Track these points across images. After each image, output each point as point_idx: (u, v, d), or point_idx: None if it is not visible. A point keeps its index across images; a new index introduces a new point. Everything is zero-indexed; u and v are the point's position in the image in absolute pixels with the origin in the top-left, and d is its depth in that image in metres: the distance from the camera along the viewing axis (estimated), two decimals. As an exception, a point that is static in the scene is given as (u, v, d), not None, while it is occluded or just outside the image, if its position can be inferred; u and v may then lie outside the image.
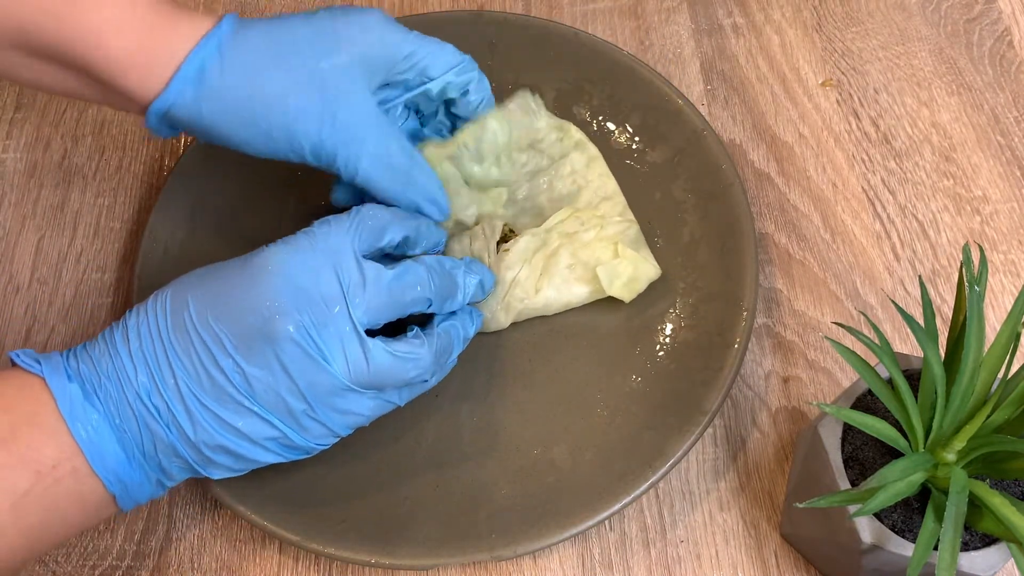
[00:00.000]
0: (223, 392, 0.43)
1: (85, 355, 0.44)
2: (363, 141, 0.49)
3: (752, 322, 0.54)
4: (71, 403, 0.43)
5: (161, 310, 0.44)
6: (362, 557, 0.49)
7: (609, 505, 0.50)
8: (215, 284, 0.44)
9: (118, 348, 0.44)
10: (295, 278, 0.43)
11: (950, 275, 0.59)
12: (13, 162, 0.65)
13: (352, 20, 0.49)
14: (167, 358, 0.43)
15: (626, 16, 0.70)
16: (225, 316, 0.43)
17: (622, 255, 0.56)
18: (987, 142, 0.64)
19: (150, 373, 0.43)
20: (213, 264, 0.46)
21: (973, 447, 0.41)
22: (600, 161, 0.60)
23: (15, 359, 0.44)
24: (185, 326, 0.43)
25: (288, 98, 0.48)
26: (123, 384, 0.43)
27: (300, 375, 0.43)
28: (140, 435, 0.43)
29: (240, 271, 0.44)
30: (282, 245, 0.45)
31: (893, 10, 0.69)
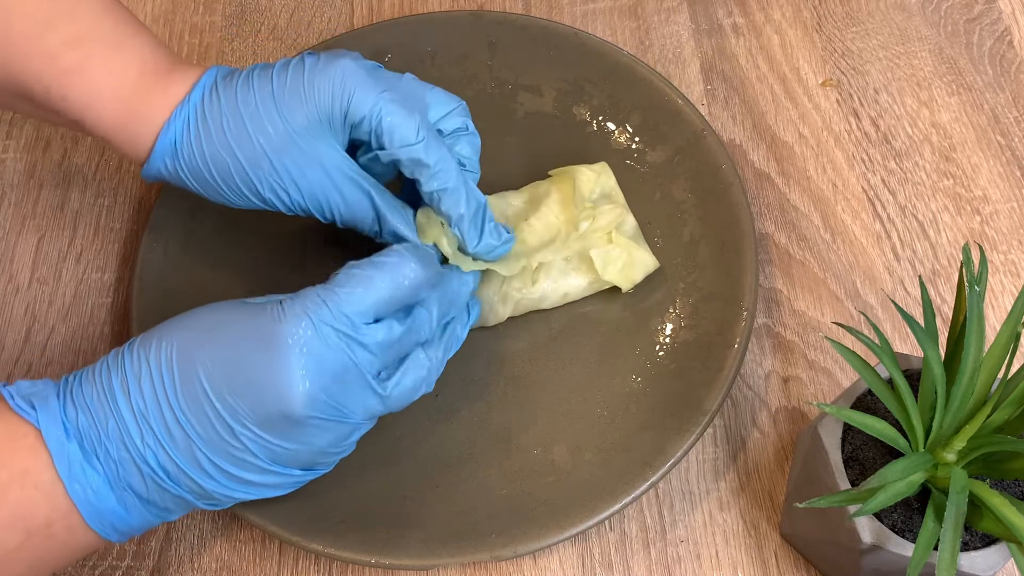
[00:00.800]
0: (243, 460, 0.42)
1: (83, 402, 0.42)
2: (330, 197, 0.49)
3: (752, 322, 0.54)
4: (69, 463, 0.41)
5: (167, 370, 0.42)
6: (362, 557, 0.49)
7: (609, 505, 0.50)
8: (228, 353, 0.42)
9: (119, 404, 0.41)
10: (311, 352, 0.42)
11: (950, 275, 0.59)
12: (13, 162, 0.65)
13: (320, 74, 0.48)
14: (178, 423, 0.41)
15: (626, 16, 0.70)
16: (244, 393, 0.41)
17: (616, 242, 0.56)
18: (987, 142, 0.64)
19: (157, 438, 0.41)
20: (217, 310, 0.44)
21: (973, 447, 0.41)
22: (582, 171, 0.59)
23: (9, 400, 0.42)
24: (197, 395, 0.41)
25: (257, 165, 0.48)
26: (127, 444, 0.41)
27: (323, 439, 0.44)
28: (145, 490, 0.42)
29: (256, 345, 0.42)
30: (299, 318, 0.42)
31: (893, 10, 0.69)
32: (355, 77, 0.48)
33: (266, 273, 0.59)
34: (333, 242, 0.60)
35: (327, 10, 0.71)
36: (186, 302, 0.56)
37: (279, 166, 0.48)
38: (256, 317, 0.43)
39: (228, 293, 0.57)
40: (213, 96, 0.48)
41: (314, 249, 0.60)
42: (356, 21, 0.70)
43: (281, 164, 0.48)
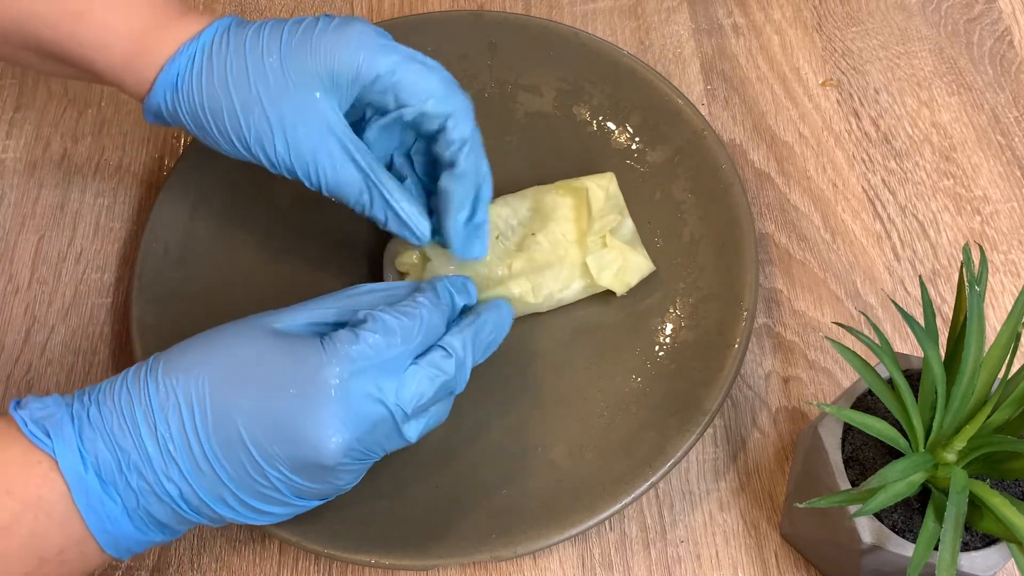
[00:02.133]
0: (268, 496, 0.42)
1: (102, 429, 0.40)
2: (318, 158, 0.48)
3: (752, 322, 0.54)
4: (87, 495, 0.40)
5: (199, 407, 0.40)
6: (362, 557, 0.49)
7: (609, 505, 0.50)
8: (267, 399, 0.41)
9: (142, 436, 0.40)
10: (355, 406, 0.41)
11: (950, 275, 0.59)
12: (13, 162, 0.65)
13: (331, 33, 0.48)
14: (207, 461, 0.40)
15: (626, 16, 0.70)
16: (281, 441, 0.40)
17: (611, 246, 0.55)
18: (987, 142, 0.64)
19: (183, 475, 0.40)
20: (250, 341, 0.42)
21: (973, 447, 0.41)
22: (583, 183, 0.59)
23: (23, 427, 0.40)
24: (232, 438, 0.40)
25: (249, 109, 0.48)
26: (148, 479, 0.40)
27: (347, 479, 0.44)
28: (163, 515, 0.42)
29: (297, 392, 0.41)
30: (342, 366, 0.41)
31: (893, 10, 0.69)
32: (370, 38, 0.48)
33: (266, 273, 0.59)
34: (334, 242, 0.60)
35: (327, 10, 0.71)
36: (186, 302, 0.57)
37: (271, 115, 0.48)
38: (295, 360, 0.42)
39: (227, 293, 0.58)
40: (223, 38, 0.49)
41: (315, 250, 0.60)
42: (356, 21, 0.70)
43: (273, 113, 0.48)
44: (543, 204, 0.57)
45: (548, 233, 0.56)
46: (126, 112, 0.67)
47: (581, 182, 0.58)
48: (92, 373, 0.58)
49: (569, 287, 0.56)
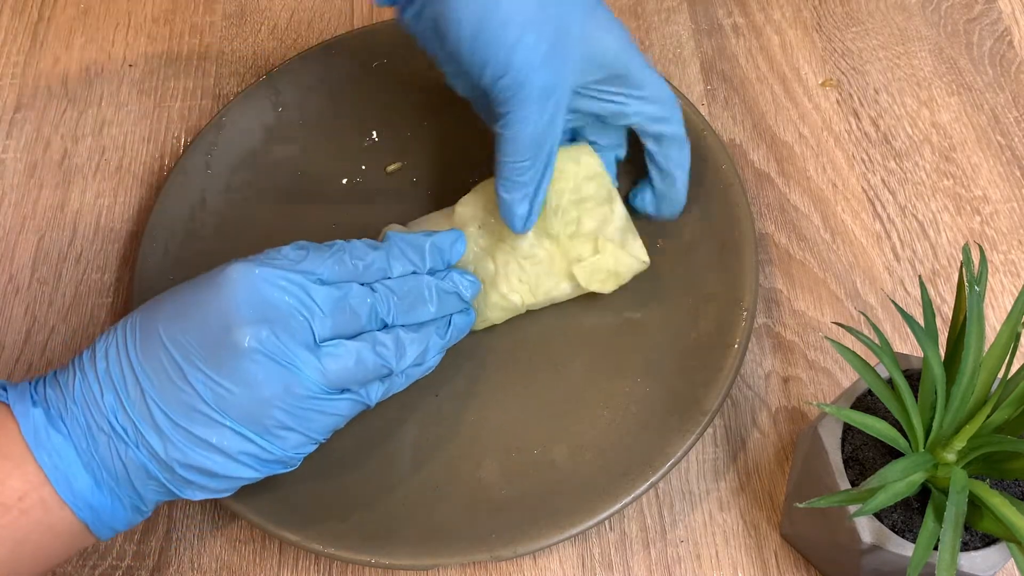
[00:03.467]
0: (193, 408, 0.42)
1: (54, 380, 0.44)
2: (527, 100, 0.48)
3: (752, 322, 0.54)
4: (35, 429, 0.42)
5: (131, 330, 0.44)
6: (362, 557, 0.49)
7: (609, 505, 0.50)
8: (182, 298, 0.44)
9: (86, 371, 0.43)
10: (258, 290, 0.43)
11: (950, 275, 0.59)
12: (13, 162, 0.65)
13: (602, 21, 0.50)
14: (135, 376, 0.43)
15: (626, 16, 0.70)
16: (192, 328, 0.43)
17: (602, 250, 0.54)
18: (987, 142, 0.64)
19: (116, 393, 0.43)
20: (185, 282, 0.46)
21: (973, 447, 0.41)
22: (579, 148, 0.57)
23: None
24: (153, 342, 0.43)
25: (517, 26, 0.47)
26: (89, 406, 0.43)
27: (268, 385, 0.43)
28: (110, 458, 0.43)
29: (206, 283, 0.44)
30: (250, 261, 0.45)
31: (893, 10, 0.69)
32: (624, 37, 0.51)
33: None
34: (333, 242, 0.60)
35: (327, 10, 0.71)
36: (186, 302, 0.57)
37: None
38: (213, 271, 0.45)
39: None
40: None
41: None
42: (356, 21, 0.70)
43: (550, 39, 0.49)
44: None
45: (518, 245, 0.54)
46: (126, 112, 0.67)
47: None
48: (92, 373, 0.58)
49: (558, 287, 0.55)
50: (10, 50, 0.70)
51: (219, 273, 0.44)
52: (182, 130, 0.66)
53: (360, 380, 0.45)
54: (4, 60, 0.69)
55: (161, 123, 0.67)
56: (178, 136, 0.66)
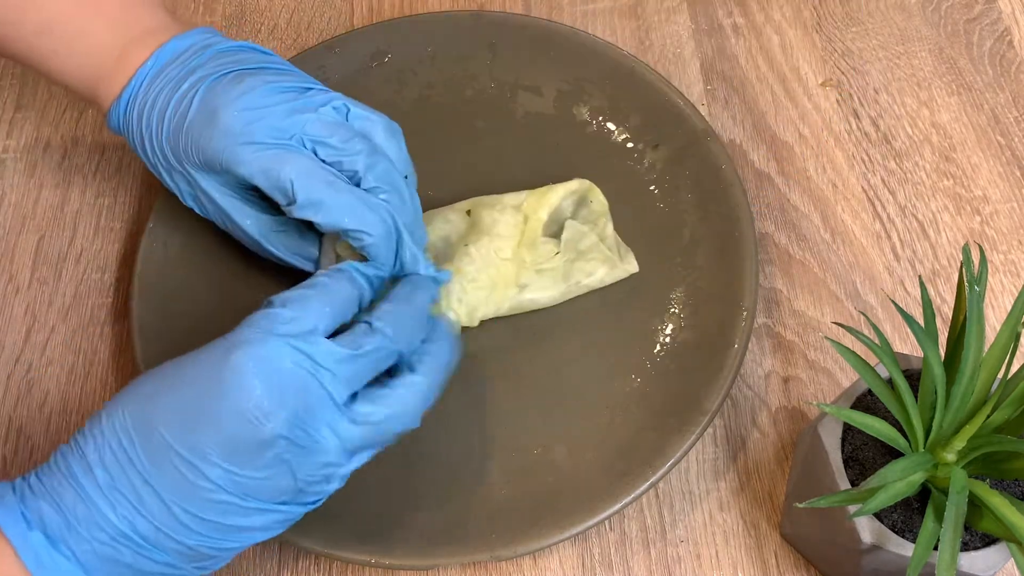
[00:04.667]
0: (219, 501, 0.40)
1: (43, 491, 0.40)
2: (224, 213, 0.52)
3: (752, 322, 0.54)
4: (36, 554, 0.39)
5: (124, 434, 0.40)
6: (362, 557, 0.49)
7: (609, 505, 0.50)
8: (183, 395, 0.41)
9: (83, 485, 0.40)
10: (269, 375, 0.40)
11: (950, 275, 0.59)
12: (13, 162, 0.65)
13: (200, 126, 0.49)
14: (148, 485, 0.40)
15: (626, 16, 0.70)
16: (204, 430, 0.40)
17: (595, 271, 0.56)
18: (987, 142, 0.64)
19: (131, 506, 0.40)
20: (161, 370, 0.42)
21: (973, 447, 0.41)
22: None
23: None
24: (159, 448, 0.40)
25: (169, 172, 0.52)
26: (101, 525, 0.40)
27: (297, 464, 0.41)
28: (130, 560, 0.40)
29: (209, 377, 0.41)
30: (248, 341, 0.41)
31: (893, 10, 0.69)
32: (233, 134, 0.48)
33: (267, 274, 0.59)
34: (333, 242, 0.60)
35: (327, 10, 0.71)
36: (186, 302, 0.57)
37: (172, 175, 0.53)
38: (201, 357, 0.42)
39: (227, 294, 0.58)
40: (147, 86, 0.52)
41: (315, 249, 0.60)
42: (356, 21, 0.70)
43: (173, 176, 0.53)
44: (481, 219, 0.56)
45: (480, 247, 0.55)
46: (126, 112, 0.67)
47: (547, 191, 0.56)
48: (92, 373, 0.58)
49: (501, 307, 0.55)
50: (10, 50, 0.70)
51: (221, 365, 0.41)
52: (182, 130, 0.66)
53: (384, 438, 0.44)
54: (4, 60, 0.69)
55: (161, 123, 0.67)
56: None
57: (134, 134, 0.52)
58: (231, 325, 0.56)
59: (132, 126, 0.52)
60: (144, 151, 0.53)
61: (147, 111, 0.51)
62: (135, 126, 0.52)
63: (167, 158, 0.52)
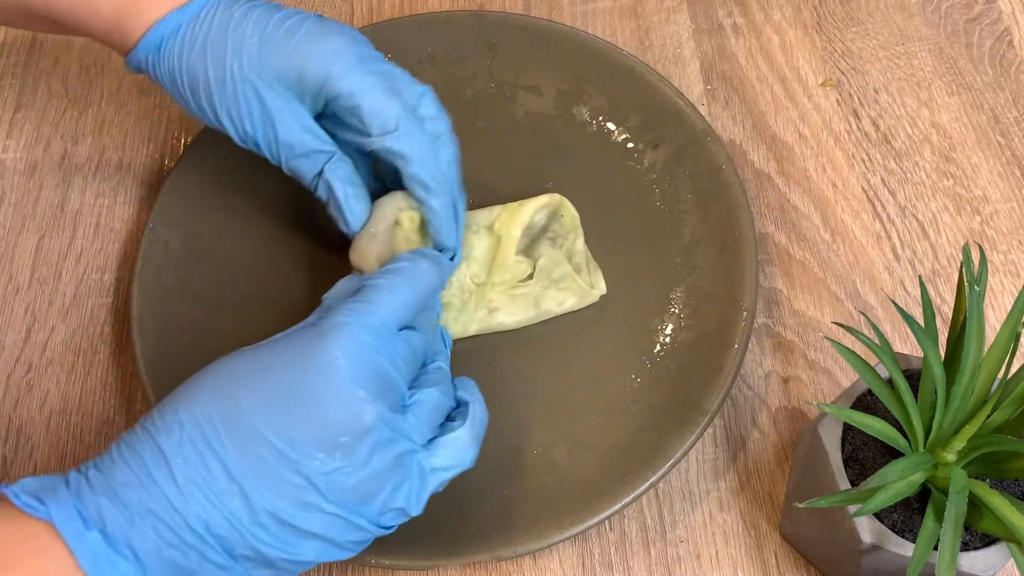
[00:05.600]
0: (304, 503, 0.39)
1: (105, 487, 0.38)
2: (279, 140, 0.51)
3: (752, 322, 0.54)
4: (94, 556, 0.37)
5: (208, 423, 0.38)
6: (362, 557, 0.49)
7: (609, 505, 0.50)
8: (275, 382, 0.39)
9: (155, 479, 0.38)
10: (364, 361, 0.40)
11: (950, 275, 0.59)
12: (13, 162, 0.65)
13: (309, 41, 0.49)
14: (230, 477, 0.38)
15: (626, 16, 0.70)
16: (301, 416, 0.39)
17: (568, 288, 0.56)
18: (987, 142, 0.64)
19: (209, 502, 0.38)
20: (240, 357, 0.41)
21: (973, 447, 0.41)
22: None
23: (13, 499, 0.37)
24: (249, 437, 0.38)
25: (221, 89, 0.50)
26: (171, 524, 0.38)
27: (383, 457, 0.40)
28: (199, 571, 0.38)
29: (304, 366, 0.40)
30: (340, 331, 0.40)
31: (893, 10, 0.69)
32: (347, 54, 0.49)
33: (267, 273, 0.59)
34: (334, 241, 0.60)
35: (327, 10, 0.71)
36: (186, 302, 0.57)
37: (241, 94, 0.50)
38: (291, 342, 0.41)
39: (228, 293, 0.58)
40: (209, 13, 0.51)
41: (316, 249, 0.60)
42: (356, 21, 0.70)
43: (243, 94, 0.50)
44: None
45: (457, 273, 0.54)
46: (126, 112, 0.67)
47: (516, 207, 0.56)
48: (92, 373, 0.58)
49: (468, 329, 0.55)
50: (10, 50, 0.70)
51: (318, 349, 0.40)
52: (182, 130, 0.66)
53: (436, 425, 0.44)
54: (4, 60, 0.69)
55: (161, 123, 0.67)
56: (178, 136, 0.66)
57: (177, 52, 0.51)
58: (231, 325, 0.57)
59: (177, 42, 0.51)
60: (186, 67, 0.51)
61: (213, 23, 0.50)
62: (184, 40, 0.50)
63: (231, 70, 0.50)
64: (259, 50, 0.49)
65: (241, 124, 0.51)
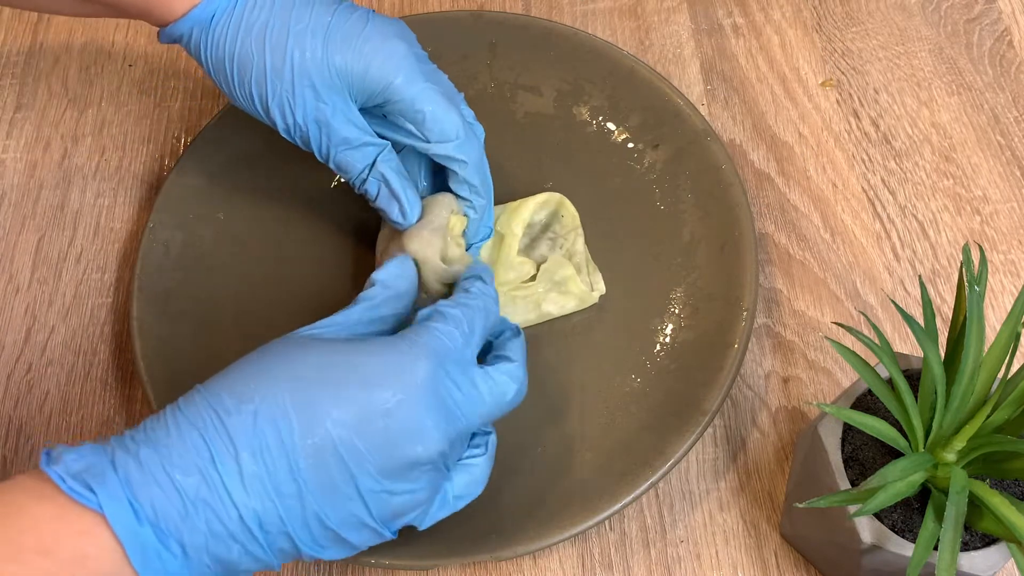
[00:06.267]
0: (348, 514, 0.39)
1: (161, 476, 0.36)
2: (331, 135, 0.50)
3: (752, 322, 0.54)
4: (143, 550, 0.35)
5: (283, 420, 0.37)
6: (362, 557, 0.49)
7: (609, 505, 0.50)
8: (355, 396, 0.39)
9: (219, 470, 0.37)
10: (441, 397, 0.41)
11: (950, 275, 0.59)
12: (13, 162, 0.65)
13: (375, 41, 0.50)
14: (293, 477, 0.37)
15: (626, 16, 0.70)
16: (373, 436, 0.39)
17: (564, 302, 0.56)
18: (987, 142, 0.64)
19: (268, 498, 0.37)
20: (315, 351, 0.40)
21: (973, 447, 0.41)
22: None
23: (60, 484, 0.35)
24: (323, 443, 0.38)
25: (277, 78, 0.49)
26: (224, 519, 0.37)
27: (427, 490, 0.41)
28: (235, 563, 0.38)
29: (389, 386, 0.39)
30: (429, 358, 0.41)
31: (893, 10, 0.69)
32: (407, 59, 0.50)
33: (267, 273, 0.59)
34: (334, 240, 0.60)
35: (327, 10, 0.71)
36: (186, 302, 0.57)
37: (298, 86, 0.49)
38: (381, 354, 0.41)
39: (228, 293, 0.58)
40: None
41: (316, 249, 0.60)
42: (356, 21, 0.70)
43: (300, 86, 0.49)
44: None
45: None
46: (126, 112, 0.67)
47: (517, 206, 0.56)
48: (92, 373, 0.58)
49: None
50: (10, 50, 0.70)
51: (407, 368, 0.40)
52: (182, 130, 0.66)
53: None
54: (4, 60, 0.69)
55: (161, 123, 0.67)
56: (178, 136, 0.66)
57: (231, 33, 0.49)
58: (231, 325, 0.57)
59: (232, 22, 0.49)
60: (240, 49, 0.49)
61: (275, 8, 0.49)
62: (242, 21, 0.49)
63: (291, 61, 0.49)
64: (323, 45, 0.49)
65: (292, 116, 0.50)
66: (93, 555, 0.35)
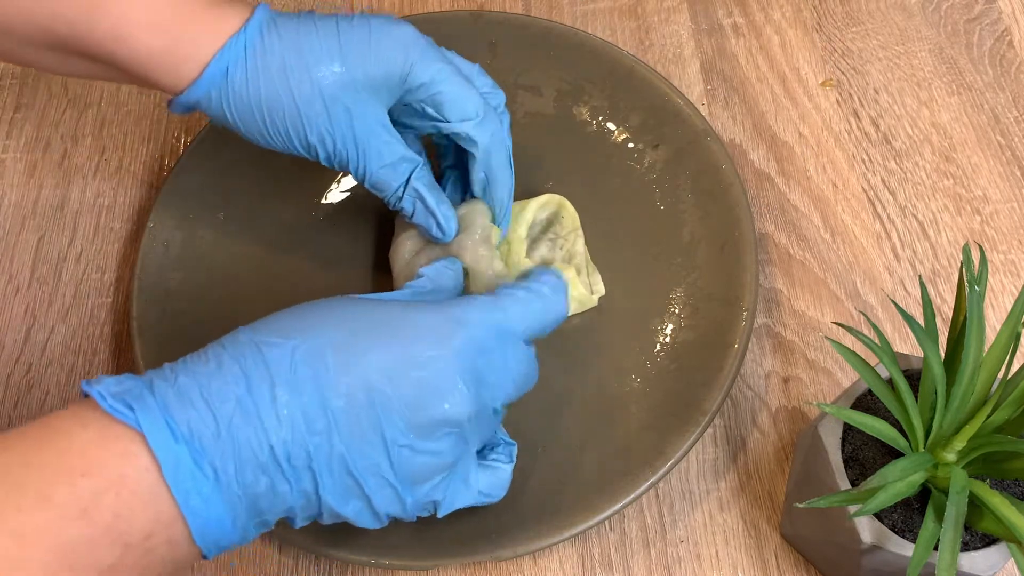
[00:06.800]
0: (374, 463, 0.40)
1: (198, 396, 0.37)
2: (368, 154, 0.50)
3: (752, 322, 0.54)
4: (176, 468, 0.36)
5: (320, 361, 0.39)
6: (362, 557, 0.49)
7: (609, 505, 0.50)
8: (394, 351, 0.40)
9: (254, 398, 0.38)
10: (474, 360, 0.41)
11: (950, 275, 0.59)
12: (13, 162, 0.65)
13: (386, 36, 0.50)
14: (327, 418, 0.38)
15: (626, 16, 0.70)
16: (407, 388, 0.39)
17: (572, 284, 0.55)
18: (987, 142, 0.64)
19: (299, 431, 0.38)
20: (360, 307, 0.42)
21: (973, 447, 0.41)
22: None
23: (100, 401, 0.37)
24: (356, 388, 0.39)
25: (310, 105, 0.48)
26: (255, 446, 0.37)
27: (451, 454, 0.42)
28: (261, 499, 0.38)
29: (428, 343, 0.41)
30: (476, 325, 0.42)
31: (893, 10, 0.69)
32: (420, 44, 0.50)
33: (267, 273, 0.59)
34: (334, 240, 0.60)
35: (327, 11, 0.71)
36: (186, 302, 0.57)
37: (332, 111, 0.49)
38: (424, 316, 0.42)
39: (228, 293, 0.58)
40: (271, 30, 0.48)
41: (316, 248, 0.60)
42: (356, 21, 0.70)
43: (334, 110, 0.49)
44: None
45: None
46: (126, 112, 0.67)
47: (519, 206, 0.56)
48: (92, 373, 0.58)
49: None
50: (10, 50, 0.70)
51: (445, 330, 0.41)
52: (182, 130, 0.66)
53: None
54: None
55: (161, 123, 0.67)
56: (178, 136, 0.66)
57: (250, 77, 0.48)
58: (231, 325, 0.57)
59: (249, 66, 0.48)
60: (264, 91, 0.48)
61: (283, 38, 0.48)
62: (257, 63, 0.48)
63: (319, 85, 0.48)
64: (342, 63, 0.48)
65: (333, 143, 0.49)
66: (132, 476, 0.36)
